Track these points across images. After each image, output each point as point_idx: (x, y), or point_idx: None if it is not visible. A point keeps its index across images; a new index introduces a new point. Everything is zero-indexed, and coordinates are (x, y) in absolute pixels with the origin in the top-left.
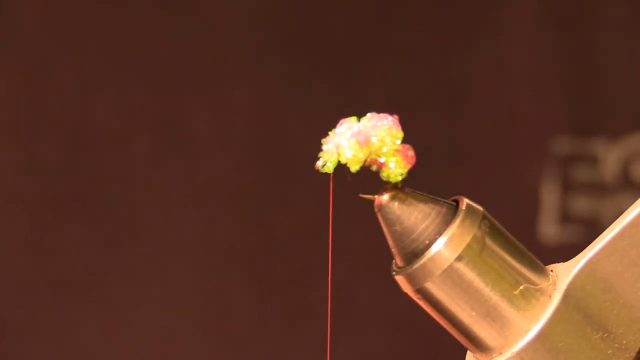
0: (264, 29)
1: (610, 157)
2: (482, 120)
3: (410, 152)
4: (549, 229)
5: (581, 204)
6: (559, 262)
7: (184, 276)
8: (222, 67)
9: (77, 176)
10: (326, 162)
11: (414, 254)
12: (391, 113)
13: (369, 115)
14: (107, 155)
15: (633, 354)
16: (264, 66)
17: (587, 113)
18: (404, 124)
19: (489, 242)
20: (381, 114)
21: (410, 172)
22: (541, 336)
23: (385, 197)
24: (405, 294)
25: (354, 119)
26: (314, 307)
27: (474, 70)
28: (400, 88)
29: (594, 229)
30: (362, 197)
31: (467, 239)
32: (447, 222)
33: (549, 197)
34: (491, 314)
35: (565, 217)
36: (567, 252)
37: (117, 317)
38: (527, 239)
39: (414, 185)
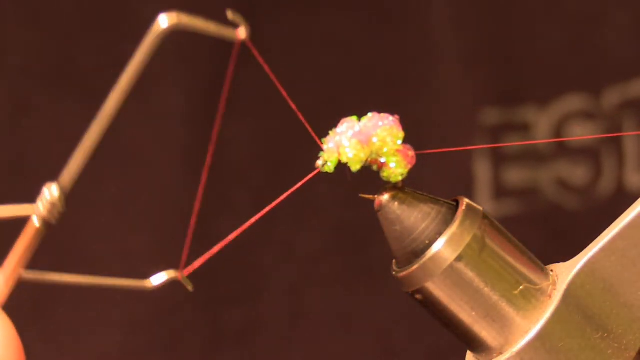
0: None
1: (542, 123)
2: (411, 100)
3: (411, 153)
4: (485, 203)
5: (516, 175)
6: None
7: (129, 292)
8: (151, 73)
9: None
10: (327, 161)
11: (414, 254)
12: (323, 100)
13: (370, 115)
14: (43, 175)
15: (633, 353)
16: (192, 67)
17: (513, 81)
18: (334, 108)
19: (489, 242)
20: (382, 114)
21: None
22: (541, 336)
23: (385, 197)
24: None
25: (354, 118)
26: (264, 319)
27: (399, 51)
28: (329, 74)
29: (533, 198)
30: (362, 197)
31: (467, 239)
32: (447, 222)
33: (483, 171)
34: (491, 314)
35: (501, 190)
36: (506, 225)
37: (64, 341)
38: None
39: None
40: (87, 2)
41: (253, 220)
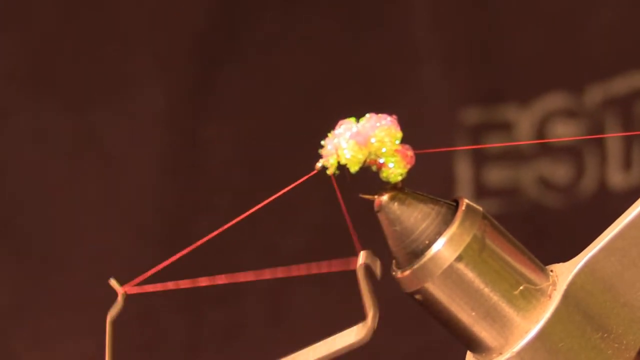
0: (167, 31)
1: (524, 122)
2: (392, 100)
3: (410, 152)
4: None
5: (498, 174)
6: None
7: (111, 301)
8: (130, 75)
9: None
10: (324, 164)
11: (413, 254)
12: (304, 101)
13: (367, 115)
14: (24, 181)
15: (633, 353)
16: (172, 68)
17: (494, 80)
18: (315, 109)
19: (489, 242)
20: (380, 115)
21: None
22: (541, 336)
23: (384, 198)
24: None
25: (352, 119)
26: (246, 320)
27: (380, 51)
28: (309, 76)
29: (515, 197)
30: (362, 198)
31: (467, 239)
32: (447, 222)
33: (464, 170)
34: (491, 314)
35: (483, 189)
36: None
37: (47, 347)
38: None
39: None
40: (68, 7)
41: (232, 222)
